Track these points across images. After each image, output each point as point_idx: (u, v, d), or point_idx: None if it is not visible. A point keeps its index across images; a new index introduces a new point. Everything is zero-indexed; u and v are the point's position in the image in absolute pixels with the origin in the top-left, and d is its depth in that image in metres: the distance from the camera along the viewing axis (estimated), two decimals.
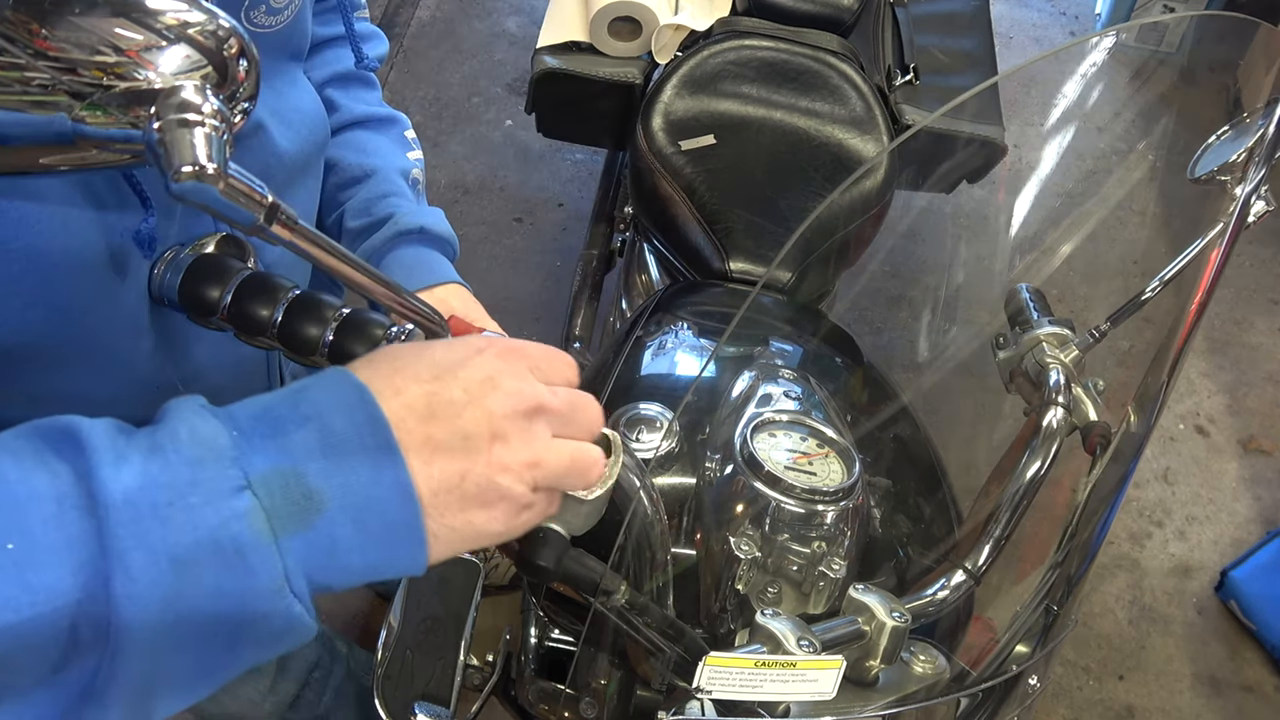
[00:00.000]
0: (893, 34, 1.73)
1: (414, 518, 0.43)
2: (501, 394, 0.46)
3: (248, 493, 0.40)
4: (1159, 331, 0.80)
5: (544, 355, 0.51)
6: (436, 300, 0.86)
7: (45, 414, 0.54)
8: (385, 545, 0.43)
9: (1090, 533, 0.78)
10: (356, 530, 0.42)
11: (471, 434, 0.45)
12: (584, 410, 0.51)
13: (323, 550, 0.41)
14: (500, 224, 2.51)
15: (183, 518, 0.38)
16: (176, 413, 0.42)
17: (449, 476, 0.44)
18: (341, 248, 0.46)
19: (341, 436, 0.42)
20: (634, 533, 0.63)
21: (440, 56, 2.89)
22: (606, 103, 1.65)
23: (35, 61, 0.36)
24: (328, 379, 0.45)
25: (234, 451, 0.41)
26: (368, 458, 0.42)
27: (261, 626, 0.41)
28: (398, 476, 0.43)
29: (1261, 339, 2.48)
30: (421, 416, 0.44)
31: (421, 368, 0.46)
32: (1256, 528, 2.14)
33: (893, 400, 1.02)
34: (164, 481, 0.39)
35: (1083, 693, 1.90)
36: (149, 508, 0.38)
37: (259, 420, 0.42)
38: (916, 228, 2.00)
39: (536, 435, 0.47)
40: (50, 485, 0.38)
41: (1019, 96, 2.43)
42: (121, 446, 0.40)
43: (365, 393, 0.44)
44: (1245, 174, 0.78)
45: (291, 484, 0.41)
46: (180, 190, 0.37)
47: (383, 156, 0.91)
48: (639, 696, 0.73)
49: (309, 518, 0.41)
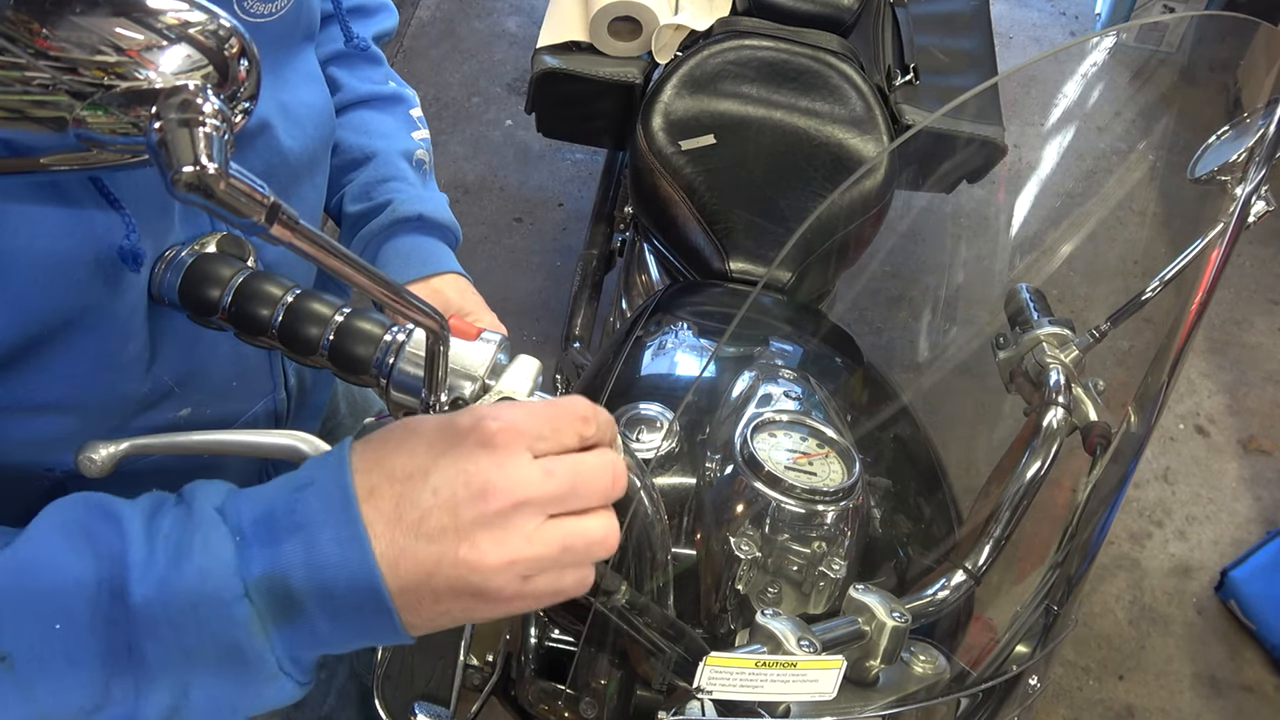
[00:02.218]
0: (893, 34, 1.74)
1: (388, 614, 0.46)
2: (473, 493, 0.46)
3: (245, 600, 0.45)
4: (1159, 331, 0.80)
5: (546, 421, 0.48)
6: (432, 290, 0.84)
7: (37, 420, 0.56)
8: (362, 634, 0.48)
9: (1090, 533, 0.78)
10: (333, 624, 0.47)
11: (436, 538, 0.46)
12: (592, 479, 0.48)
13: (306, 640, 0.47)
14: (500, 224, 2.51)
15: (193, 625, 0.45)
16: (199, 514, 0.47)
17: (415, 578, 0.46)
18: (343, 248, 0.45)
19: (324, 550, 0.46)
20: (634, 533, 0.63)
21: (440, 56, 2.89)
22: (606, 103, 1.65)
23: (36, 61, 0.36)
24: (326, 476, 0.47)
25: (236, 562, 0.45)
26: (345, 568, 0.45)
27: (261, 697, 0.48)
28: (371, 583, 0.46)
29: (1261, 339, 2.48)
30: (389, 520, 0.46)
31: (400, 462, 0.47)
32: (1256, 528, 2.14)
33: (893, 400, 1.02)
34: (179, 592, 0.45)
35: (1083, 693, 1.90)
36: (164, 615, 0.44)
37: (259, 525, 0.46)
38: (916, 228, 2.00)
39: (514, 530, 0.46)
40: (94, 571, 0.45)
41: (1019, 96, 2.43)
42: (154, 542, 0.46)
43: (350, 499, 0.46)
44: (1245, 174, 0.78)
45: (277, 587, 0.46)
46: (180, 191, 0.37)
47: (385, 138, 0.88)
48: (639, 696, 0.73)
49: (291, 615, 0.46)
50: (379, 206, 0.85)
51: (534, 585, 0.47)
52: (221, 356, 0.66)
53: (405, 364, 0.56)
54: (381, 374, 0.57)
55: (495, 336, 0.59)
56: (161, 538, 0.46)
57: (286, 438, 0.54)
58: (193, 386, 0.63)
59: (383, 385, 0.57)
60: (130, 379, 0.60)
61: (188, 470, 0.69)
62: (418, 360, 0.56)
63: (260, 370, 0.72)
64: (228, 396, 0.69)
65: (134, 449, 0.52)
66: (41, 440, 0.59)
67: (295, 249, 0.42)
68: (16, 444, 0.58)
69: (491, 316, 0.85)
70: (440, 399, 0.56)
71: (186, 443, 0.55)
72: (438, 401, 0.56)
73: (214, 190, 0.37)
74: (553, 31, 1.63)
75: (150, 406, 0.63)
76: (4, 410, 0.55)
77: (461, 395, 0.57)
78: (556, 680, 0.78)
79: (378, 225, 0.84)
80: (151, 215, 0.57)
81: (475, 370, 0.57)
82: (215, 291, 0.57)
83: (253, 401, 0.72)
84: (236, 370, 0.68)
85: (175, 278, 0.58)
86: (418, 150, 0.90)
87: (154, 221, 0.58)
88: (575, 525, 0.48)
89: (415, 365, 0.56)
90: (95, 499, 0.47)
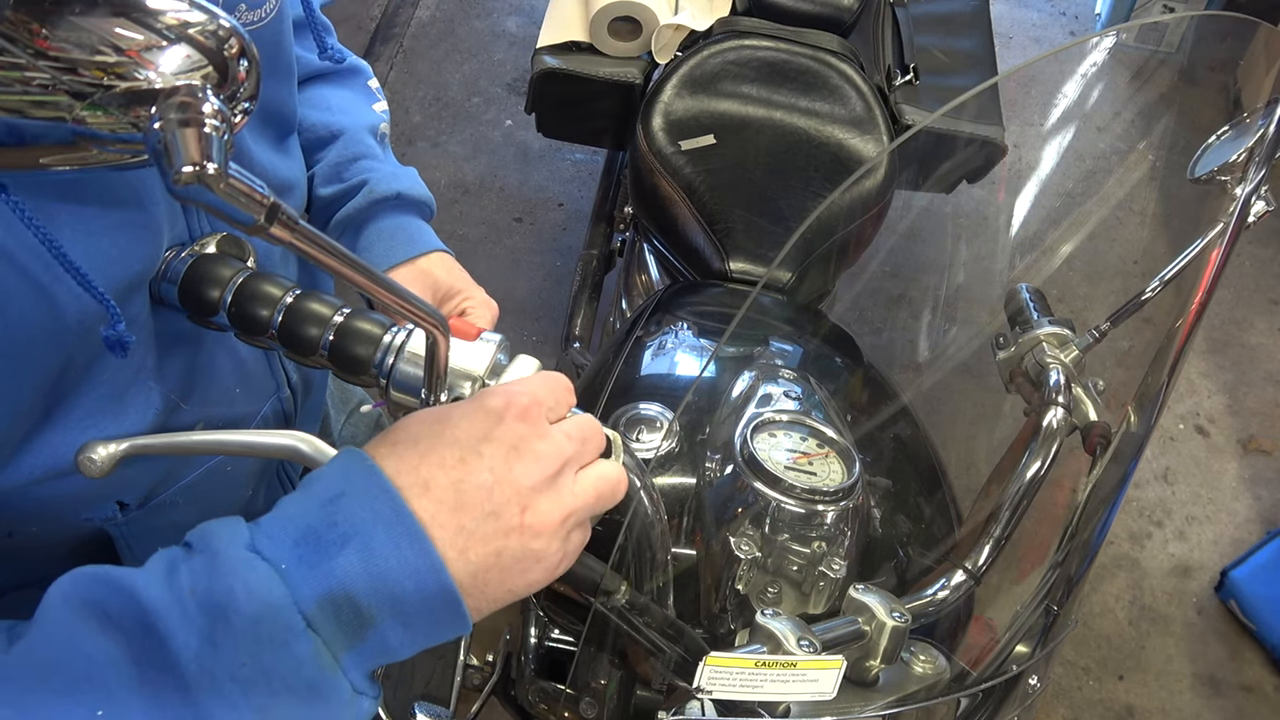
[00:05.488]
0: (893, 34, 1.74)
1: (457, 607, 0.46)
2: (527, 463, 0.49)
3: (308, 633, 0.43)
4: (1159, 331, 0.80)
5: (550, 392, 0.53)
6: (420, 272, 0.83)
7: (70, 480, 0.53)
8: (432, 634, 0.47)
9: (1090, 533, 0.78)
10: (406, 631, 0.45)
11: (502, 512, 0.47)
12: (592, 434, 0.53)
13: (377, 653, 0.46)
14: (500, 224, 2.51)
15: (258, 676, 0.42)
16: (227, 560, 0.43)
17: (485, 558, 0.47)
18: (342, 248, 0.45)
19: (381, 553, 0.44)
20: (634, 533, 0.63)
21: (440, 56, 2.89)
22: (606, 103, 1.65)
23: (36, 61, 0.36)
24: (358, 484, 0.46)
25: (289, 595, 0.43)
26: (408, 569, 0.45)
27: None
28: (439, 579, 0.45)
29: (1261, 339, 2.48)
30: (452, 508, 0.46)
31: (445, 451, 0.48)
32: (1256, 528, 2.14)
33: (893, 400, 1.02)
34: (232, 646, 0.42)
35: (1083, 693, 1.90)
36: (225, 672, 0.42)
37: (302, 545, 0.44)
38: (916, 228, 2.00)
39: (562, 487, 0.50)
40: (123, 648, 0.42)
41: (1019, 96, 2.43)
42: (180, 600, 0.42)
43: (397, 499, 0.46)
44: (1245, 174, 0.78)
45: (343, 607, 0.44)
46: (181, 191, 0.37)
47: (349, 114, 0.86)
48: (639, 696, 0.73)
49: (362, 632, 0.44)
50: (354, 188, 0.83)
51: (571, 541, 0.51)
52: (220, 365, 0.66)
53: (405, 364, 0.56)
54: (381, 374, 0.57)
55: (495, 336, 0.59)
56: (188, 594, 0.43)
57: (286, 438, 0.54)
58: (197, 400, 0.63)
59: (382, 385, 0.57)
60: (143, 410, 0.59)
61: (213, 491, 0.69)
62: (417, 360, 0.56)
63: (260, 373, 0.72)
64: (234, 403, 0.68)
65: (134, 449, 0.52)
66: (76, 496, 0.58)
67: (295, 249, 0.42)
68: (54, 506, 0.57)
69: (481, 292, 0.84)
70: (440, 399, 0.56)
71: (186, 443, 0.55)
72: (437, 401, 0.56)
73: (214, 190, 0.37)
74: (553, 31, 1.63)
75: (163, 428, 0.63)
76: (38, 480, 0.53)
77: (461, 395, 0.57)
78: (556, 680, 0.78)
79: (355, 207, 0.83)
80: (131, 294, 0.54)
81: (475, 370, 0.57)
82: (215, 292, 0.57)
83: (259, 404, 0.72)
84: (237, 377, 0.68)
85: (175, 279, 0.58)
86: (380, 124, 0.89)
87: (135, 303, 0.55)
88: (597, 473, 0.52)
89: (415, 365, 0.56)
90: (97, 574, 0.44)
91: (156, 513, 0.64)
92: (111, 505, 0.61)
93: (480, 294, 0.84)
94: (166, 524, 0.65)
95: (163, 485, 0.64)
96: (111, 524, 0.62)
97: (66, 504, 0.58)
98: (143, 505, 0.63)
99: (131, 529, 0.63)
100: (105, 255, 0.51)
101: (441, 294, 0.84)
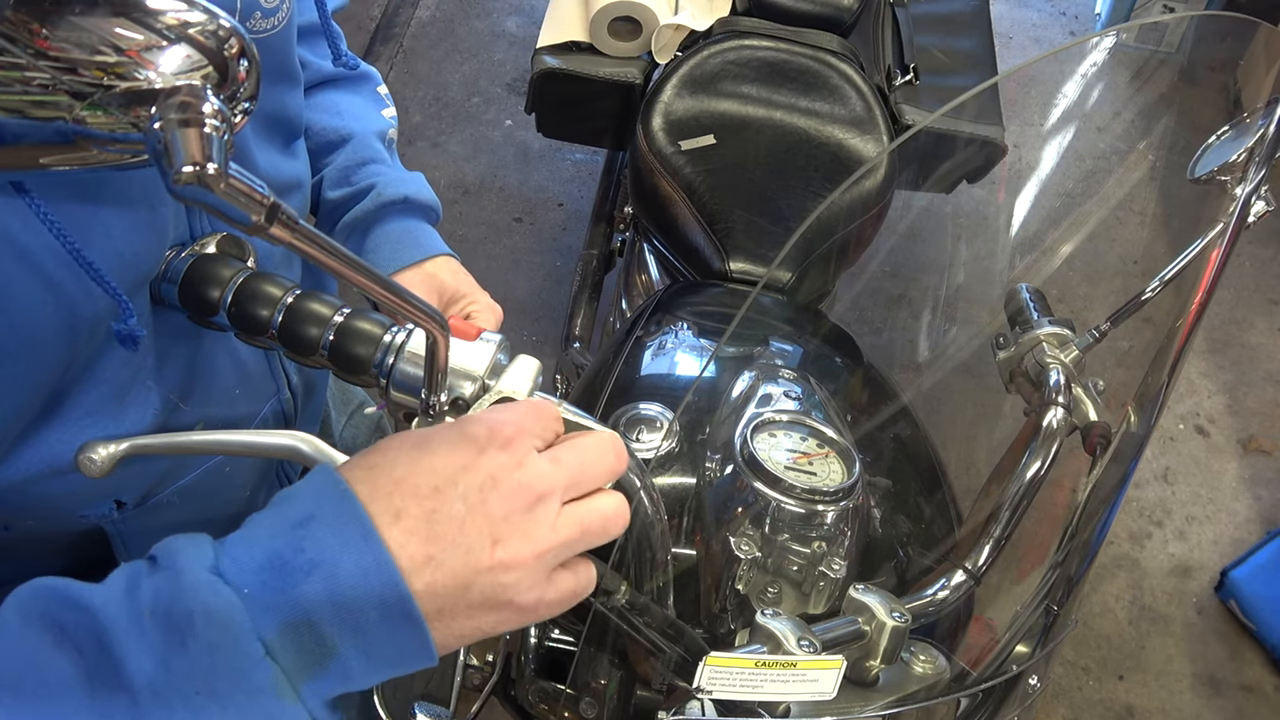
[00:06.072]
0: (893, 34, 1.74)
1: (423, 640, 0.45)
2: (502, 494, 0.47)
3: (267, 661, 0.42)
4: (1159, 331, 0.80)
5: (536, 419, 0.50)
6: (426, 275, 0.84)
7: (68, 478, 0.53)
8: (396, 665, 0.46)
9: (1090, 533, 0.78)
10: (368, 661, 0.45)
11: (473, 545, 0.46)
12: (595, 460, 0.51)
13: (338, 682, 0.45)
14: (500, 224, 2.51)
15: (211, 703, 0.41)
16: (189, 581, 0.42)
17: (453, 592, 0.46)
18: (342, 248, 0.45)
19: (348, 583, 0.43)
20: (634, 533, 0.63)
21: (440, 56, 2.89)
22: (606, 103, 1.65)
23: (35, 61, 0.36)
24: (330, 509, 0.45)
25: (249, 622, 0.42)
26: (374, 599, 0.44)
27: None
28: (406, 610, 0.44)
29: (1261, 339, 2.48)
30: (423, 539, 0.45)
31: (421, 479, 0.46)
32: (1256, 528, 2.14)
33: (893, 400, 1.02)
34: (186, 671, 0.41)
35: (1083, 693, 1.90)
36: (178, 697, 0.41)
37: (267, 571, 0.43)
38: (916, 228, 2.00)
39: (539, 522, 0.47)
40: (76, 665, 0.41)
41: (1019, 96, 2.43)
42: (138, 620, 0.41)
43: (367, 525, 0.45)
44: (1245, 174, 0.78)
45: (305, 635, 0.43)
46: (181, 190, 0.37)
47: (359, 119, 0.87)
48: (639, 696, 0.73)
49: (324, 661, 0.44)
50: (361, 191, 0.84)
51: (556, 584, 0.49)
52: (220, 366, 0.66)
53: (405, 364, 0.56)
54: (381, 374, 0.57)
55: (495, 337, 0.59)
56: (147, 614, 0.42)
57: (286, 438, 0.54)
58: (196, 400, 0.63)
59: (382, 385, 0.57)
60: (143, 410, 0.59)
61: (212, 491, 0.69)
62: (417, 360, 0.56)
63: (260, 374, 0.72)
64: (234, 404, 0.68)
65: (134, 449, 0.52)
66: (74, 494, 0.58)
67: (295, 249, 0.42)
68: (51, 503, 0.57)
69: (486, 296, 0.85)
70: (440, 399, 0.56)
71: (186, 443, 0.55)
72: (437, 401, 0.56)
73: (213, 190, 0.37)
74: (552, 31, 1.63)
75: (162, 429, 0.63)
76: (36, 478, 0.53)
77: (461, 395, 0.56)
78: (556, 680, 0.78)
79: (362, 210, 0.83)
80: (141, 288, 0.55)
81: (475, 370, 0.57)
82: (215, 292, 0.57)
83: (259, 405, 0.72)
84: (237, 377, 0.68)
85: (175, 278, 0.58)
86: (389, 129, 0.89)
87: (139, 302, 0.55)
88: (587, 507, 0.50)
89: (415, 365, 0.56)
90: (56, 587, 0.43)
91: (154, 512, 0.64)
92: (109, 504, 0.61)
93: (485, 298, 0.85)
94: (164, 523, 0.65)
95: (161, 485, 0.64)
96: (108, 522, 0.62)
97: (64, 502, 0.58)
98: (140, 504, 0.63)
99: (128, 527, 0.63)
100: (120, 256, 0.51)
101: (447, 298, 0.84)
